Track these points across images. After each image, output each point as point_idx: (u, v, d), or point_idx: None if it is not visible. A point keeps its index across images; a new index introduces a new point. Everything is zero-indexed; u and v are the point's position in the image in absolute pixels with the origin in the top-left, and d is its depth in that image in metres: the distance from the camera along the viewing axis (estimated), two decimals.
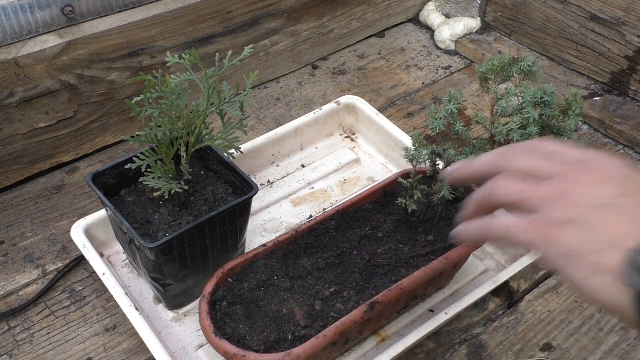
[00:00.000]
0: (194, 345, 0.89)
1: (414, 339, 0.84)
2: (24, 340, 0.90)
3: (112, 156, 1.19)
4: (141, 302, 0.93)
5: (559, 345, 0.90)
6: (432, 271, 0.83)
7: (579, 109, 0.77)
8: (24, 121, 1.07)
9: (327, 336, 0.75)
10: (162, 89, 0.78)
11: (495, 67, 0.79)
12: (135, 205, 0.87)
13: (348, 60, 1.46)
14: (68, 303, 0.94)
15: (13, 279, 0.97)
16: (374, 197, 0.93)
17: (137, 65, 1.15)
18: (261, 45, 1.33)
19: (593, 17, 1.30)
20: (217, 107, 0.82)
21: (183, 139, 0.83)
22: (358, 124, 1.22)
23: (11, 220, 1.06)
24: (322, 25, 1.41)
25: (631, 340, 0.91)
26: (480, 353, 0.89)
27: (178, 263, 0.83)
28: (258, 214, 1.07)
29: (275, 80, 1.40)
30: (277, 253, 0.85)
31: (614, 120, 1.25)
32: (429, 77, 1.42)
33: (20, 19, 1.02)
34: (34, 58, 1.02)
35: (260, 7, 1.27)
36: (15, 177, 1.12)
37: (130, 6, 1.13)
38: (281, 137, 1.14)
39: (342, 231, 0.89)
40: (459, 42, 1.49)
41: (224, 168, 0.90)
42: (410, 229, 0.89)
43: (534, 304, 0.96)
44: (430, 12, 1.57)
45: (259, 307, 0.79)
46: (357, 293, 0.81)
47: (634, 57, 1.27)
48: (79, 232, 0.94)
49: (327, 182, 1.13)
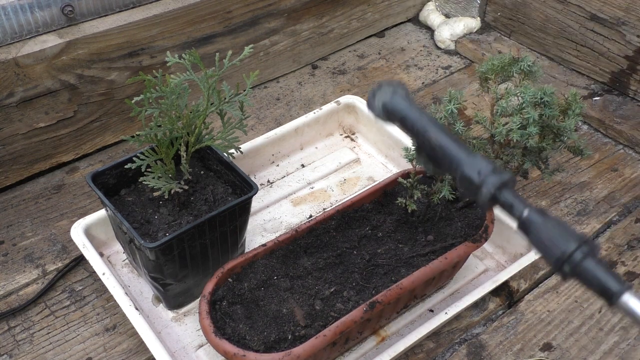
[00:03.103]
0: (194, 345, 0.89)
1: (414, 339, 0.84)
2: (24, 340, 0.90)
3: (112, 156, 1.19)
4: (141, 302, 0.93)
5: (559, 345, 0.90)
6: (432, 271, 0.83)
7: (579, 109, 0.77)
8: (24, 121, 1.07)
9: (327, 336, 0.75)
10: (162, 89, 0.78)
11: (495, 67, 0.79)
12: (135, 205, 0.87)
13: (348, 60, 1.46)
14: (68, 303, 0.94)
15: (13, 279, 0.97)
16: (374, 197, 0.93)
17: (137, 65, 1.15)
18: (261, 45, 1.33)
19: (593, 17, 1.30)
20: (217, 107, 0.82)
21: (183, 139, 0.83)
22: (358, 124, 1.22)
23: (11, 220, 1.06)
24: (322, 25, 1.41)
25: (631, 340, 0.91)
26: (480, 353, 0.89)
27: (178, 263, 0.83)
28: (258, 214, 1.07)
29: (275, 80, 1.40)
30: (277, 253, 0.85)
31: (614, 120, 1.25)
32: (429, 77, 1.42)
33: (20, 19, 1.02)
34: (34, 58, 1.02)
35: (260, 7, 1.27)
36: (15, 177, 1.12)
37: (130, 6, 1.13)
38: (281, 137, 1.14)
39: (342, 231, 0.89)
40: (459, 42, 1.49)
41: (224, 168, 0.90)
42: (410, 229, 0.89)
43: (534, 304, 0.96)
44: (430, 12, 1.57)
45: (259, 307, 0.79)
46: (357, 293, 0.81)
47: (634, 57, 1.27)
48: (79, 232, 0.94)
49: (327, 182, 1.13)
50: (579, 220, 1.08)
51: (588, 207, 1.10)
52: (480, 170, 0.49)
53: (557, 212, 1.09)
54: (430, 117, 0.53)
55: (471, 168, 0.49)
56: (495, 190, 0.48)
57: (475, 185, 0.49)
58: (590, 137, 1.26)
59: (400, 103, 0.54)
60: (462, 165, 0.50)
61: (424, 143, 0.52)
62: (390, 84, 0.55)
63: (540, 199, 1.12)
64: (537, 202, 1.11)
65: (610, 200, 1.12)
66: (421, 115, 0.53)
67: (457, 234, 0.87)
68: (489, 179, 0.48)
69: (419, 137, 0.53)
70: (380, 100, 0.54)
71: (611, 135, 1.25)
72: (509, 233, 0.98)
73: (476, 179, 0.49)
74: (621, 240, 1.05)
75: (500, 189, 0.48)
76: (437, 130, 0.52)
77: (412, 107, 0.53)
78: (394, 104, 0.54)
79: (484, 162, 0.49)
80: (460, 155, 0.50)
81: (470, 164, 0.49)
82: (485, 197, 0.48)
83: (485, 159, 0.49)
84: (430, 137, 0.52)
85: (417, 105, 0.54)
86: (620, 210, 1.10)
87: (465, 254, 0.87)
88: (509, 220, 0.98)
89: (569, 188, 1.14)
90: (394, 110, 0.54)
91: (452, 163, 0.50)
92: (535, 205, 1.10)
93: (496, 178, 0.48)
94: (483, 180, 0.48)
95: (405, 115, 0.53)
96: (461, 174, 0.49)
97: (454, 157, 0.50)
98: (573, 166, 1.18)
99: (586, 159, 1.20)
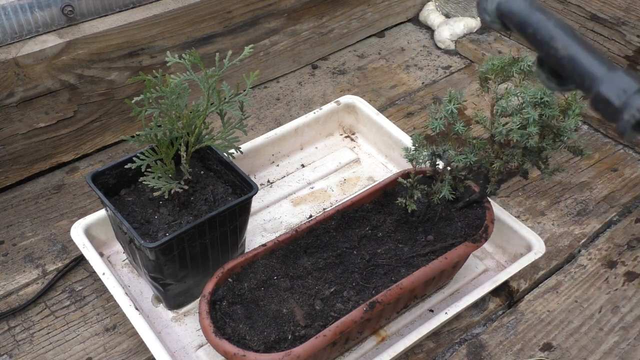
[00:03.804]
0: (194, 345, 0.89)
1: (414, 339, 0.84)
2: (24, 340, 0.90)
3: (112, 156, 1.19)
4: (141, 302, 0.93)
5: (559, 345, 0.90)
6: (432, 271, 0.83)
7: (579, 109, 0.77)
8: (24, 121, 1.07)
9: (327, 336, 0.75)
10: (162, 89, 0.78)
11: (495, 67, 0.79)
12: (135, 205, 0.87)
13: (348, 60, 1.46)
14: (68, 303, 0.94)
15: (13, 279, 0.97)
16: (374, 197, 0.93)
17: (137, 65, 1.15)
18: (261, 45, 1.33)
19: (593, 17, 1.30)
20: (217, 107, 0.82)
21: (183, 139, 0.83)
22: (358, 124, 1.22)
23: (11, 220, 1.06)
24: (322, 25, 1.41)
25: (631, 340, 0.91)
26: (480, 353, 0.89)
27: (178, 263, 0.83)
28: (258, 214, 1.07)
29: (275, 80, 1.40)
30: (277, 253, 0.85)
31: None
32: (429, 77, 1.42)
33: (20, 19, 1.02)
34: (34, 58, 1.02)
35: (260, 7, 1.27)
36: (15, 177, 1.12)
37: (130, 6, 1.13)
38: (281, 137, 1.14)
39: (342, 231, 0.89)
40: (459, 42, 1.49)
41: (224, 168, 0.90)
42: (410, 229, 0.89)
43: (534, 304, 0.96)
44: (430, 12, 1.57)
45: (259, 307, 0.79)
46: (357, 293, 0.81)
47: (634, 57, 1.27)
48: (79, 232, 0.94)
49: (327, 182, 1.13)
50: (579, 220, 1.08)
51: (588, 207, 1.10)
52: (624, 89, 0.40)
53: (557, 212, 1.09)
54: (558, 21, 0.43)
55: (611, 86, 0.40)
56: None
57: (615, 108, 0.40)
58: (590, 137, 1.26)
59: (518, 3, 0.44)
60: (599, 81, 0.40)
61: (549, 53, 0.43)
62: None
63: (540, 199, 1.12)
64: (537, 202, 1.11)
65: (610, 200, 1.12)
66: (547, 18, 0.43)
67: (457, 234, 0.87)
68: (634, 100, 0.39)
69: (542, 47, 0.43)
70: (495, 1, 0.45)
71: (611, 135, 1.25)
72: (509, 233, 0.98)
73: (616, 100, 0.39)
74: (621, 240, 1.05)
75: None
76: (566, 37, 0.42)
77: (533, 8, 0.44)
78: (510, 5, 0.44)
79: (629, 79, 0.40)
80: (597, 69, 0.41)
81: (609, 81, 0.40)
82: (627, 124, 0.39)
83: (629, 75, 0.40)
84: (557, 47, 0.42)
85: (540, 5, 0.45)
86: (620, 210, 1.10)
87: (465, 254, 0.87)
88: (509, 220, 0.98)
89: (569, 188, 1.14)
90: (511, 13, 0.44)
91: (586, 79, 0.41)
92: (535, 205, 1.10)
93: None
94: (626, 102, 0.39)
95: (525, 20, 0.44)
96: (596, 93, 0.40)
97: (587, 72, 0.41)
98: (573, 166, 1.18)
99: (586, 159, 1.20)
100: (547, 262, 1.01)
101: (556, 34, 0.43)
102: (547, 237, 1.05)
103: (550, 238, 1.05)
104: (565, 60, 0.42)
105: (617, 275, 1.00)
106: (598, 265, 1.01)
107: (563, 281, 0.99)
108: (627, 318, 0.94)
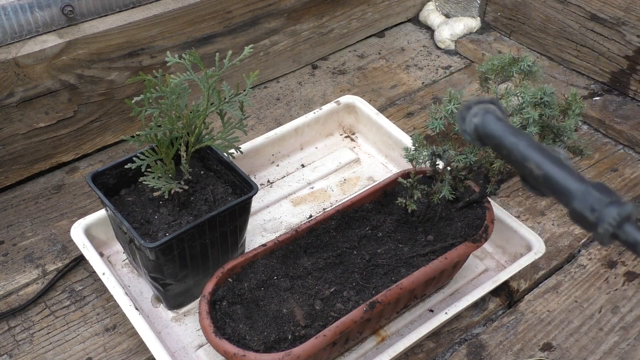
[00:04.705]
0: (194, 345, 0.89)
1: (414, 339, 0.84)
2: (24, 340, 0.90)
3: (112, 156, 1.19)
4: (141, 302, 0.93)
5: (559, 345, 0.90)
6: (432, 271, 0.83)
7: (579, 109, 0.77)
8: (24, 121, 1.07)
9: (327, 336, 0.75)
10: (162, 89, 0.78)
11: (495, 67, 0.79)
12: (135, 205, 0.87)
13: (348, 60, 1.46)
14: (68, 303, 0.94)
15: (13, 279, 0.97)
16: (374, 197, 0.93)
17: (137, 65, 1.15)
18: (261, 45, 1.33)
19: (593, 17, 1.30)
20: (217, 107, 0.82)
21: (183, 139, 0.83)
22: (358, 124, 1.22)
23: (11, 220, 1.06)
24: (322, 25, 1.41)
25: (631, 340, 0.91)
26: (480, 353, 0.89)
27: (178, 263, 0.83)
28: (258, 214, 1.07)
29: (275, 80, 1.40)
30: (277, 253, 0.85)
31: (614, 120, 1.25)
32: (429, 77, 1.42)
33: (20, 19, 1.02)
34: (34, 58, 1.02)
35: (260, 7, 1.27)
36: (15, 177, 1.12)
37: (130, 6, 1.13)
38: (281, 137, 1.14)
39: (342, 231, 0.89)
40: (459, 42, 1.49)
41: (224, 168, 0.90)
42: (410, 229, 0.89)
43: (534, 304, 0.96)
44: (430, 12, 1.57)
45: (259, 307, 0.79)
46: (357, 293, 0.81)
47: (634, 57, 1.27)
48: (79, 232, 0.94)
49: (327, 182, 1.13)
50: None
51: None
52: (595, 205, 0.42)
53: (557, 212, 1.09)
54: (530, 141, 0.45)
55: (583, 203, 0.42)
56: (614, 228, 0.41)
57: (590, 222, 0.42)
58: (590, 137, 1.26)
59: (494, 126, 0.46)
60: (572, 199, 0.43)
61: (525, 173, 0.45)
62: (480, 103, 0.48)
63: (540, 199, 1.12)
64: (537, 202, 1.11)
65: None
66: (518, 139, 0.45)
67: (457, 234, 0.87)
68: (605, 215, 0.41)
69: (518, 167, 0.46)
70: (472, 124, 0.47)
71: (611, 135, 1.25)
72: (509, 233, 0.98)
73: (590, 215, 0.42)
74: None
75: (621, 225, 0.41)
76: (539, 157, 0.44)
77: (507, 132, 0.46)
78: (485, 129, 0.47)
79: (597, 195, 0.42)
80: (569, 187, 0.43)
81: (581, 198, 0.42)
82: (603, 236, 0.41)
83: (598, 189, 0.42)
84: (531, 167, 0.44)
85: (512, 127, 0.47)
86: None
87: (465, 254, 0.87)
88: (509, 220, 0.98)
89: None
90: (486, 136, 0.47)
91: (562, 195, 0.43)
92: (535, 205, 1.10)
93: (614, 212, 0.41)
94: (598, 217, 0.41)
95: (499, 142, 0.46)
96: (572, 208, 0.43)
97: (562, 188, 0.43)
98: (573, 166, 1.18)
99: (586, 159, 1.20)
100: (547, 262, 1.01)
101: (529, 154, 0.45)
102: (547, 237, 1.05)
103: (550, 238, 1.05)
104: (541, 179, 0.44)
105: (617, 275, 1.00)
106: (598, 265, 1.01)
107: (563, 281, 0.99)
108: (627, 318, 0.94)
